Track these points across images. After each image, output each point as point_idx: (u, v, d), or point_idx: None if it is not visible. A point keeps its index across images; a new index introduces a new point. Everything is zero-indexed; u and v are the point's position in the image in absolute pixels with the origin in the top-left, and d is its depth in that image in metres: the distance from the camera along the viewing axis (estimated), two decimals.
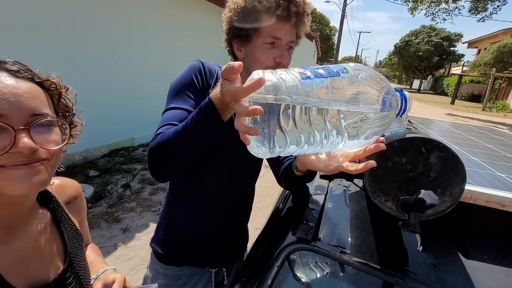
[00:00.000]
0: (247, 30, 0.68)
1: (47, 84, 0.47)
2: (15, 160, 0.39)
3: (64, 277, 0.51)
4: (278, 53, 0.67)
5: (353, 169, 0.53)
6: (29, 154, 0.40)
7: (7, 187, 0.39)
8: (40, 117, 0.42)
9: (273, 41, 0.67)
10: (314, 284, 0.58)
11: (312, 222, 0.70)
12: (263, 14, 0.65)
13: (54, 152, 0.44)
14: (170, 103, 0.70)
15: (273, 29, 0.66)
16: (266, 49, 0.67)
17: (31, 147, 0.39)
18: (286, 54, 0.68)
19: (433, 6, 11.87)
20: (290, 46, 0.70)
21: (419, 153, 0.50)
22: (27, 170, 0.40)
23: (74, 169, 3.51)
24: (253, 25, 0.66)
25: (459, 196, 0.49)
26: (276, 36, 0.66)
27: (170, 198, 0.85)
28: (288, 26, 0.66)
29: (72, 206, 0.63)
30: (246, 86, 0.39)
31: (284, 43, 0.68)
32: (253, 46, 0.69)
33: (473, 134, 1.35)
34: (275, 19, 0.65)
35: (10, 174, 0.39)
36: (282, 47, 0.68)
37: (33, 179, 0.40)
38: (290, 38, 0.68)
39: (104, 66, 3.83)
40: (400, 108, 0.54)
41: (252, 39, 0.68)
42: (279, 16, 0.64)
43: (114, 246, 2.31)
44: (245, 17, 0.67)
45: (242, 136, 0.42)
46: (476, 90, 21.16)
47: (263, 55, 0.67)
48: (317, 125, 0.46)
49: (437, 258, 0.60)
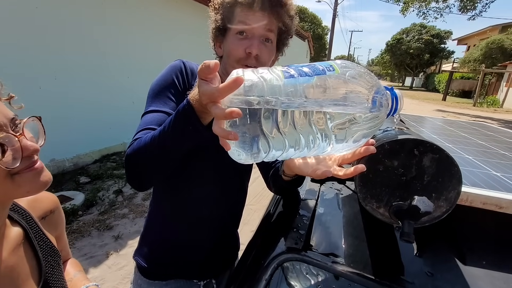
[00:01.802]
0: (224, 24, 0.67)
1: None
2: (26, 163, 0.41)
3: None
4: (248, 43, 0.64)
5: (342, 174, 0.49)
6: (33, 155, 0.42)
7: (29, 186, 0.41)
8: (16, 118, 0.42)
9: (242, 30, 0.64)
10: None
11: (303, 230, 0.67)
12: (234, 7, 0.64)
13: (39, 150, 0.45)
14: (150, 105, 0.66)
15: (242, 17, 0.64)
16: (237, 40, 0.65)
17: (36, 148, 0.41)
18: (257, 44, 0.64)
19: (424, 5, 12.01)
20: (265, 37, 0.66)
21: (412, 155, 0.47)
22: (36, 171, 0.42)
23: (64, 176, 3.42)
24: (226, 19, 0.66)
25: (455, 201, 0.46)
26: (244, 22, 0.63)
27: (154, 208, 0.81)
28: (258, 14, 0.63)
29: (48, 220, 0.59)
30: (222, 87, 0.36)
31: (257, 33, 0.64)
32: (226, 40, 0.68)
33: (466, 131, 1.34)
34: (245, 9, 0.63)
35: (26, 177, 0.41)
36: (254, 37, 0.65)
37: (43, 177, 0.43)
38: (263, 27, 0.64)
39: (94, 69, 3.75)
40: (391, 107, 0.51)
41: (227, 33, 0.67)
42: (248, 5, 0.63)
43: (105, 255, 2.24)
44: (220, 12, 0.67)
45: (222, 141, 0.39)
46: (466, 86, 21.50)
47: (233, 46, 0.65)
48: (301, 128, 0.42)
49: (433, 266, 0.57)
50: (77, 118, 3.58)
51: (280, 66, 0.43)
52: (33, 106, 2.24)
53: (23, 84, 2.89)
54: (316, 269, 0.57)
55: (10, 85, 0.45)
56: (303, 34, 13.66)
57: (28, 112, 0.45)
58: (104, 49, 3.86)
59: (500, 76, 16.85)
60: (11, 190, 0.40)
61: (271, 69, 0.41)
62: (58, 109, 3.34)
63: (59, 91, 3.34)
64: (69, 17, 3.34)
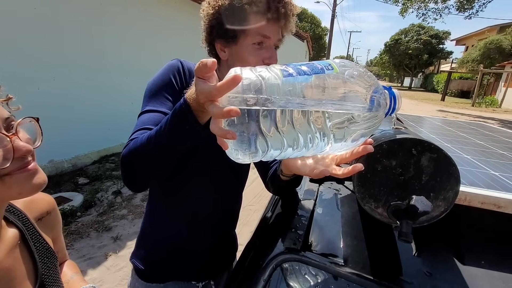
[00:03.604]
0: (234, 31, 0.63)
1: None
2: (19, 164, 0.40)
3: None
4: (267, 54, 0.64)
5: (340, 173, 0.49)
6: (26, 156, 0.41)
7: (21, 188, 0.40)
8: (11, 119, 0.42)
9: (261, 41, 0.63)
10: None
11: (301, 230, 0.66)
12: (253, 16, 0.61)
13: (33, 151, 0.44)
14: (146, 105, 0.65)
15: (263, 28, 0.63)
16: (254, 50, 0.64)
17: (29, 149, 0.40)
18: (275, 55, 0.66)
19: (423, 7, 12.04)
20: (276, 45, 0.68)
21: (410, 155, 0.47)
22: (29, 172, 0.41)
23: (62, 177, 3.41)
24: (241, 25, 0.62)
25: (453, 200, 0.46)
26: (265, 35, 0.63)
27: (150, 209, 0.80)
28: (275, 25, 0.64)
29: (44, 222, 0.59)
30: (220, 85, 0.35)
31: (272, 43, 0.65)
32: (239, 47, 0.65)
33: (464, 131, 1.34)
34: (265, 21, 0.62)
35: (17, 178, 0.40)
36: (271, 47, 0.65)
37: (36, 179, 0.42)
38: (277, 37, 0.66)
39: (92, 70, 3.75)
40: (389, 106, 0.51)
41: (239, 39, 0.64)
42: (270, 18, 0.62)
43: (104, 256, 2.23)
44: (233, 16, 0.62)
45: (219, 140, 0.38)
46: (465, 86, 21.54)
47: (251, 56, 0.64)
48: (300, 127, 0.42)
49: (432, 265, 0.57)
50: (75, 119, 3.57)
51: (278, 64, 0.43)
52: (32, 107, 2.24)
53: (22, 85, 2.89)
54: (315, 269, 0.57)
55: (8, 85, 0.45)
56: (302, 35, 13.67)
57: (27, 113, 0.44)
58: (102, 50, 3.85)
59: (499, 76, 16.91)
60: (2, 192, 0.39)
61: (269, 67, 0.41)
62: (57, 110, 3.33)
63: (58, 92, 3.33)
64: (68, 18, 3.34)
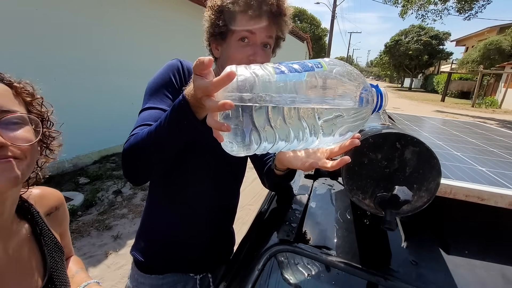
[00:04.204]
0: (222, 28, 0.67)
1: (17, 86, 0.46)
2: None
3: None
4: (251, 51, 0.66)
5: (329, 166, 0.52)
6: None
7: None
8: (8, 114, 0.41)
9: (245, 36, 0.66)
10: (297, 286, 0.56)
11: (295, 223, 0.69)
12: (236, 14, 0.65)
13: (26, 151, 0.43)
14: (147, 102, 0.68)
15: (245, 25, 0.65)
16: (239, 46, 0.67)
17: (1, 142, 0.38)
18: (260, 52, 0.67)
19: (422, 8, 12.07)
20: (265, 43, 0.69)
21: (394, 148, 0.49)
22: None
23: (63, 177, 3.44)
24: (228, 23, 0.66)
25: (435, 191, 0.49)
26: (249, 29, 0.65)
27: (150, 203, 0.83)
28: (261, 22, 0.65)
29: (53, 217, 0.60)
30: (216, 80, 0.38)
31: (258, 40, 0.67)
32: (227, 44, 0.69)
33: (458, 130, 1.37)
34: (247, 18, 0.64)
35: None
36: (256, 45, 0.67)
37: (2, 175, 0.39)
38: (265, 34, 0.67)
39: (93, 71, 3.77)
40: (376, 104, 0.54)
41: (227, 37, 0.68)
42: (251, 15, 0.64)
43: (104, 254, 2.26)
44: (221, 16, 0.67)
45: (215, 133, 0.41)
46: (465, 87, 21.55)
47: (236, 52, 0.67)
48: (291, 122, 0.45)
49: (418, 255, 0.59)
50: (76, 120, 3.60)
51: (271, 63, 0.46)
52: None
53: None
54: (307, 259, 0.60)
55: None
56: (302, 36, 13.71)
57: None
58: (103, 50, 3.88)
59: (498, 77, 16.92)
60: None
61: (263, 65, 0.43)
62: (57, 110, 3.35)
63: (59, 92, 3.36)
64: (69, 19, 3.37)
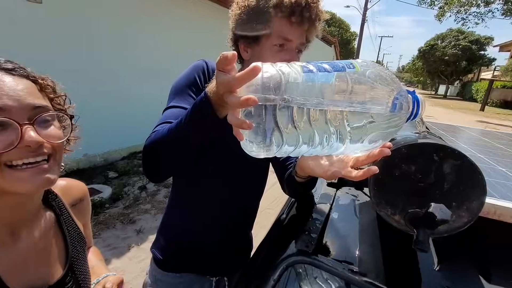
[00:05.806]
0: (257, 31, 0.65)
1: (41, 82, 0.47)
2: (22, 155, 0.39)
3: (64, 282, 0.50)
4: (287, 56, 0.65)
5: (353, 175, 0.48)
6: (35, 148, 0.40)
7: (16, 186, 0.40)
8: (42, 110, 0.42)
9: (282, 43, 0.64)
10: None
11: (315, 233, 0.66)
12: (277, 19, 0.63)
13: (57, 147, 0.44)
14: (171, 101, 0.69)
15: (285, 31, 0.63)
16: (274, 52, 0.65)
17: (38, 140, 0.39)
18: (296, 58, 0.65)
19: (463, 11, 11.19)
20: (299, 49, 0.68)
21: (431, 161, 0.44)
22: (35, 170, 0.40)
23: (94, 170, 3.65)
24: (264, 27, 0.64)
25: (478, 211, 0.43)
26: (287, 37, 0.64)
27: (171, 203, 0.84)
28: (299, 28, 0.64)
29: (77, 208, 0.62)
30: (240, 75, 0.35)
31: (294, 46, 0.65)
32: (260, 48, 0.66)
33: (502, 142, 1.24)
34: (288, 24, 0.62)
35: (18, 174, 0.39)
36: (292, 50, 0.65)
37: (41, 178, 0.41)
38: (300, 41, 0.66)
39: (123, 75, 3.95)
40: (412, 111, 0.49)
41: (261, 40, 0.66)
42: (293, 22, 0.62)
43: (127, 247, 2.35)
44: (256, 17, 0.64)
45: (235, 131, 0.38)
46: (509, 96, 19.75)
47: (271, 58, 0.65)
48: (317, 125, 0.42)
49: (454, 281, 0.53)
50: (109, 119, 3.82)
51: (299, 62, 0.43)
52: None
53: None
54: (326, 274, 0.56)
55: None
56: (330, 40, 13.44)
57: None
58: (135, 55, 4.07)
59: None
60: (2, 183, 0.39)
61: (290, 63, 0.41)
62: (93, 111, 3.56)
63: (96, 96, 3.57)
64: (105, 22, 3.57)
